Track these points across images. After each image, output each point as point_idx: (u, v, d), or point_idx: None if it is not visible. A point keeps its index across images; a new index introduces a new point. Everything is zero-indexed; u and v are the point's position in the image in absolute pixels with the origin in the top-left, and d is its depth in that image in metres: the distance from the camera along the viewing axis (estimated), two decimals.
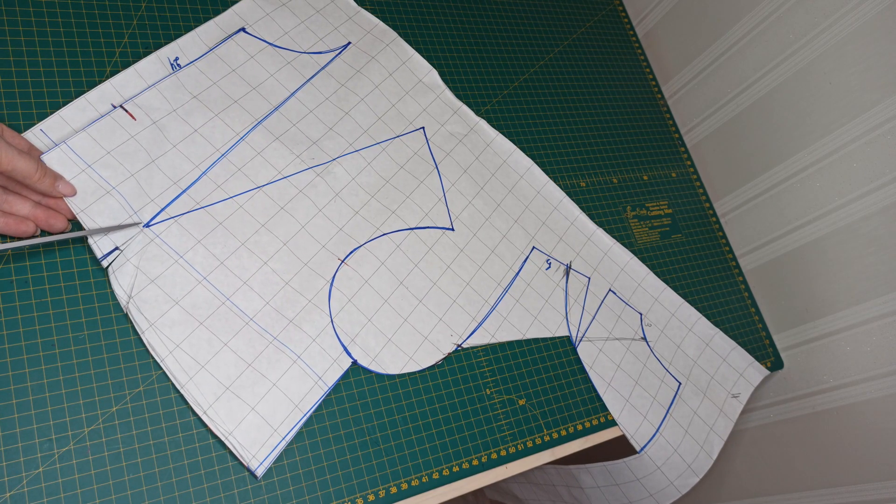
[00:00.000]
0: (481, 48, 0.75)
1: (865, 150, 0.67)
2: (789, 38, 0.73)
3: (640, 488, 0.67)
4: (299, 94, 0.62)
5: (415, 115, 0.67)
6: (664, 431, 0.65)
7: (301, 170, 0.59)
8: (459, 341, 0.60)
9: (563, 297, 0.67)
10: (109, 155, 0.51)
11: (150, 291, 0.50)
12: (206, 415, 0.48)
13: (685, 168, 0.84)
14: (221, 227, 0.54)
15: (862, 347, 0.68)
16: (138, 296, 0.49)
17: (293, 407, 0.51)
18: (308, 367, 0.52)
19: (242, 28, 0.61)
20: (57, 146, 0.50)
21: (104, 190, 0.50)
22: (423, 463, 0.54)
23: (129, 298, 0.49)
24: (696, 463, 0.66)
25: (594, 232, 0.72)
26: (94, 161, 0.51)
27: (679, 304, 0.73)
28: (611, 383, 0.65)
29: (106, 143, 0.52)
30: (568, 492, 0.78)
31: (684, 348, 0.71)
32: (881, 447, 0.66)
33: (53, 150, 0.49)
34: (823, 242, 0.72)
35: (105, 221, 0.50)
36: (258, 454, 0.48)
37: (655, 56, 0.90)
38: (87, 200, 0.50)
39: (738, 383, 0.72)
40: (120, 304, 0.49)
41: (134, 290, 0.49)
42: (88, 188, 0.50)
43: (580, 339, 0.65)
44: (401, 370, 0.56)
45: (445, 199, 0.65)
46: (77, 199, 0.49)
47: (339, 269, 0.57)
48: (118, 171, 0.51)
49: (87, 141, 0.51)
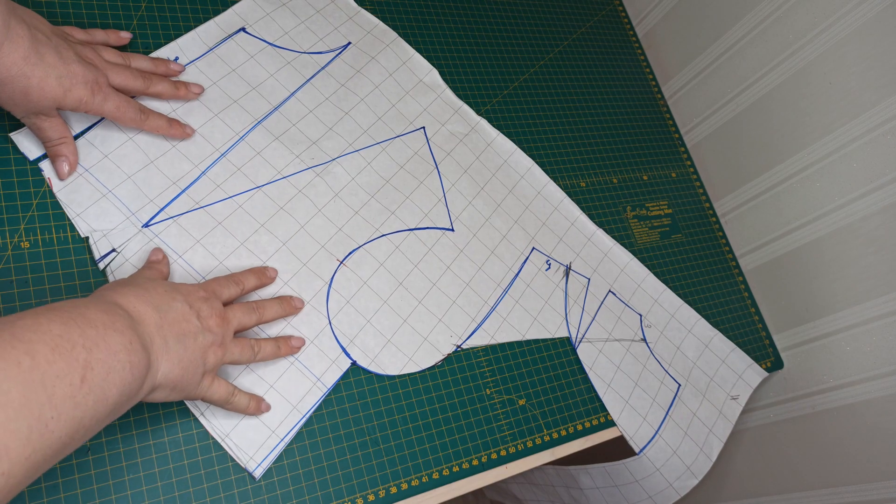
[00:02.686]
0: (481, 48, 0.75)
1: (865, 150, 0.67)
2: (789, 38, 0.73)
3: (640, 490, 0.67)
4: (299, 94, 0.62)
5: (415, 114, 0.67)
6: (663, 433, 0.65)
7: (301, 170, 0.59)
8: (459, 342, 0.60)
9: (563, 298, 0.67)
10: (107, 159, 0.52)
11: None
12: (204, 416, 0.48)
13: (685, 168, 0.84)
14: (221, 227, 0.54)
15: (862, 347, 0.68)
16: None
17: (291, 408, 0.51)
18: (306, 368, 0.52)
19: (242, 28, 0.61)
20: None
21: (100, 194, 0.51)
22: (423, 463, 0.54)
23: None
24: (695, 465, 0.66)
25: (594, 233, 0.71)
26: (91, 165, 0.51)
27: (679, 305, 0.73)
28: (610, 384, 0.65)
29: (104, 147, 0.52)
30: (567, 492, 0.78)
31: (684, 350, 0.71)
32: (881, 447, 0.66)
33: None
34: (823, 242, 0.72)
35: (101, 225, 0.50)
36: (256, 456, 0.48)
37: (655, 56, 0.90)
38: (83, 205, 0.50)
39: (737, 385, 0.72)
40: None
41: None
42: (85, 192, 0.50)
43: (580, 340, 0.65)
44: (400, 371, 0.56)
45: (445, 199, 0.65)
46: (73, 204, 0.50)
47: (338, 271, 0.57)
48: (115, 174, 0.51)
49: (84, 146, 0.51)
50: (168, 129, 0.53)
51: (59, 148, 0.49)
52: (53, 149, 0.49)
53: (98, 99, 0.47)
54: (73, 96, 0.46)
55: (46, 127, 0.48)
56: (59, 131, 0.48)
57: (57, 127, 0.48)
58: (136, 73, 0.51)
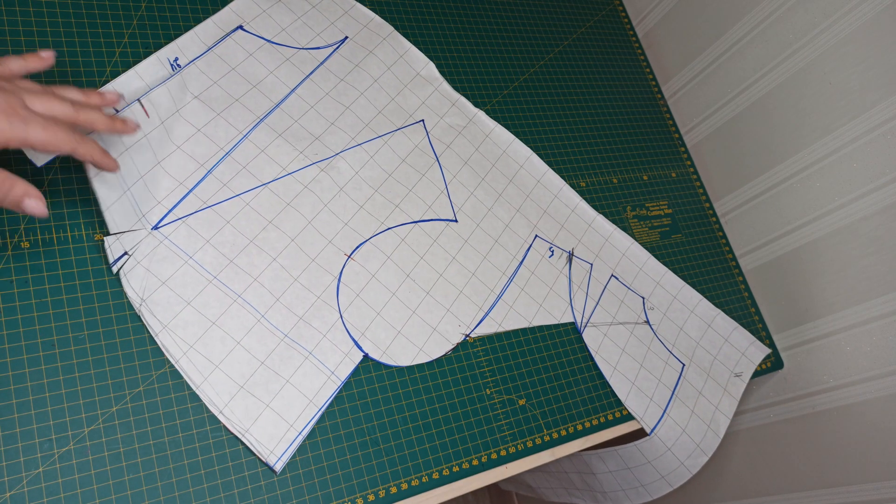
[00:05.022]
0: (481, 48, 0.75)
1: (865, 150, 0.67)
2: (789, 38, 0.73)
3: (652, 471, 0.67)
4: (299, 91, 0.62)
5: (414, 107, 0.67)
6: (671, 412, 0.66)
7: (305, 165, 0.59)
8: (467, 331, 0.60)
9: (567, 284, 0.67)
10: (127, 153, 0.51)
11: (161, 294, 0.50)
12: (223, 414, 0.48)
13: (685, 168, 0.84)
14: (229, 226, 0.54)
15: (862, 347, 0.68)
16: (150, 298, 0.49)
17: (307, 402, 0.51)
18: (320, 362, 0.53)
19: (240, 26, 0.61)
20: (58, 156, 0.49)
21: (122, 190, 0.50)
22: (423, 463, 0.54)
23: (141, 301, 0.49)
24: (704, 442, 0.67)
25: (594, 218, 0.72)
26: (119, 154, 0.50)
27: (680, 286, 0.74)
28: (616, 367, 0.65)
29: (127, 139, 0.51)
30: (580, 478, 0.78)
31: (687, 330, 0.72)
32: (881, 447, 0.66)
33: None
34: (823, 242, 0.72)
35: (121, 224, 0.50)
36: (276, 449, 0.49)
37: (655, 56, 0.90)
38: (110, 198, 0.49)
39: (741, 362, 0.73)
40: (133, 307, 0.49)
41: (145, 293, 0.49)
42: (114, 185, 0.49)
43: (585, 325, 0.66)
44: (412, 362, 0.57)
45: (448, 190, 0.65)
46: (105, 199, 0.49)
47: (346, 265, 0.57)
48: (132, 172, 0.51)
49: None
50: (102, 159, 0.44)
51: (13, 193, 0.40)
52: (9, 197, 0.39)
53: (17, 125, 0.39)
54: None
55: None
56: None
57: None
58: (62, 98, 0.43)
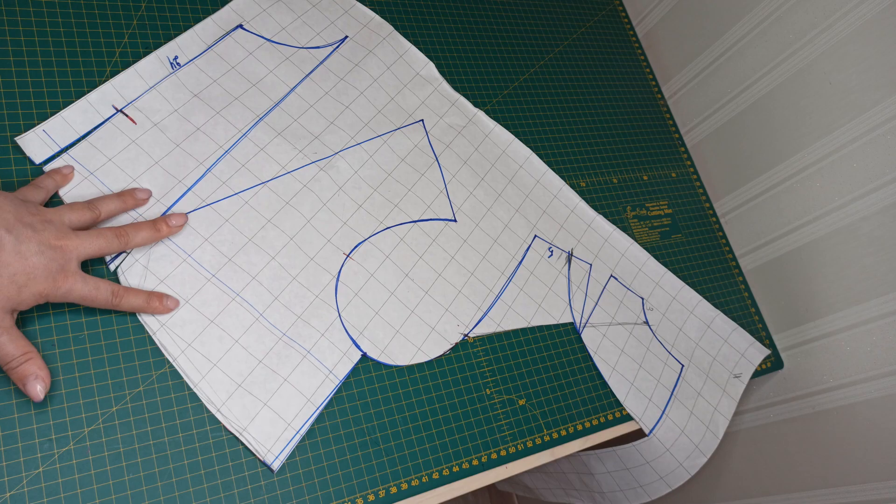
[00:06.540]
0: (481, 48, 0.75)
1: (865, 150, 0.67)
2: (789, 38, 0.73)
3: (651, 471, 0.67)
4: (299, 90, 0.62)
5: (414, 107, 0.67)
6: (670, 413, 0.66)
7: (304, 164, 0.59)
8: (466, 331, 0.60)
9: (566, 285, 0.67)
10: (111, 162, 0.52)
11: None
12: (220, 412, 0.48)
13: (685, 168, 0.84)
14: (228, 224, 0.54)
15: (862, 347, 0.68)
16: None
17: (305, 401, 0.51)
18: (318, 361, 0.53)
19: (240, 25, 0.61)
20: (59, 155, 0.50)
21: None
22: (423, 463, 0.54)
23: None
24: (703, 443, 0.67)
25: (594, 219, 0.72)
26: (97, 169, 0.51)
27: (679, 287, 0.74)
28: (615, 367, 0.65)
29: (107, 150, 0.52)
30: (579, 479, 0.78)
31: (686, 331, 0.72)
32: (881, 447, 0.66)
33: (55, 160, 0.50)
34: (823, 242, 0.72)
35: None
36: (273, 448, 0.49)
37: (655, 56, 0.90)
38: None
39: (740, 363, 0.73)
40: None
41: None
42: (91, 196, 0.50)
43: (584, 326, 0.66)
44: (410, 361, 0.57)
45: (447, 190, 0.65)
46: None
47: (345, 264, 0.57)
48: (120, 177, 0.51)
49: (88, 150, 0.51)
50: (147, 306, 0.47)
51: (25, 367, 0.41)
52: (18, 369, 0.40)
53: (62, 289, 0.42)
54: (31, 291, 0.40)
55: (4, 342, 0.40)
56: (20, 345, 0.41)
57: (17, 340, 0.40)
58: (110, 235, 0.45)
